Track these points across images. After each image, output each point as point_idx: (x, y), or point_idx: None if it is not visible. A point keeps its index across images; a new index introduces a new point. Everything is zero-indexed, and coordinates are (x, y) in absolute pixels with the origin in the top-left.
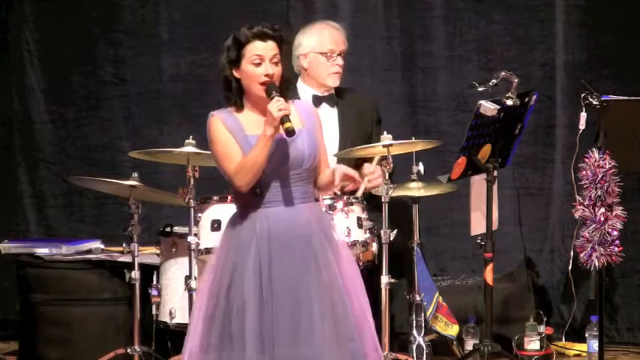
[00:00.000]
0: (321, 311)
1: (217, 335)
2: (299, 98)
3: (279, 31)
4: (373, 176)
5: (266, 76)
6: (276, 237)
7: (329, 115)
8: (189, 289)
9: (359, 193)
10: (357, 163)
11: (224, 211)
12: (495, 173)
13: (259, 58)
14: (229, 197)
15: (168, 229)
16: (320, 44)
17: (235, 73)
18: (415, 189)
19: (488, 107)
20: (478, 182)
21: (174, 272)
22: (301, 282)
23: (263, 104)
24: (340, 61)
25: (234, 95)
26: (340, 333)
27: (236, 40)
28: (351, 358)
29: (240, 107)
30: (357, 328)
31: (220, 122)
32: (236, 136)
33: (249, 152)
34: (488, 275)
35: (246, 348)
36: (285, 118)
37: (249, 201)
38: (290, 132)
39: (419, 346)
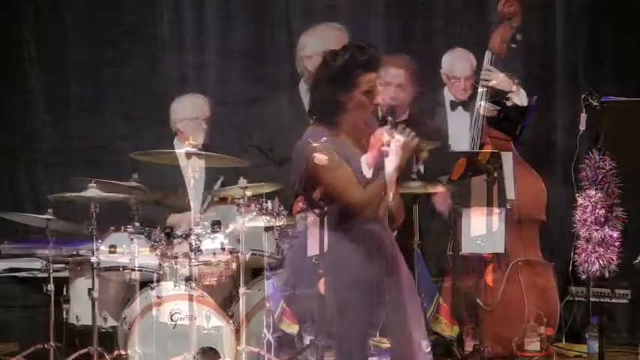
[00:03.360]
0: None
1: None
2: None
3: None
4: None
5: (376, 104)
6: (379, 252)
7: None
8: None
9: None
10: None
11: (224, 210)
12: (495, 174)
13: (373, 88)
14: None
15: (168, 231)
16: (324, 47)
17: (339, 97)
18: (415, 189)
19: (488, 108)
20: (478, 182)
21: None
22: (405, 287)
23: (358, 130)
24: None
25: (336, 118)
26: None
27: (352, 66)
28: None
29: (338, 130)
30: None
31: (331, 149)
32: (349, 161)
33: (376, 181)
34: (489, 275)
35: None
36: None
37: (355, 220)
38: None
39: None
